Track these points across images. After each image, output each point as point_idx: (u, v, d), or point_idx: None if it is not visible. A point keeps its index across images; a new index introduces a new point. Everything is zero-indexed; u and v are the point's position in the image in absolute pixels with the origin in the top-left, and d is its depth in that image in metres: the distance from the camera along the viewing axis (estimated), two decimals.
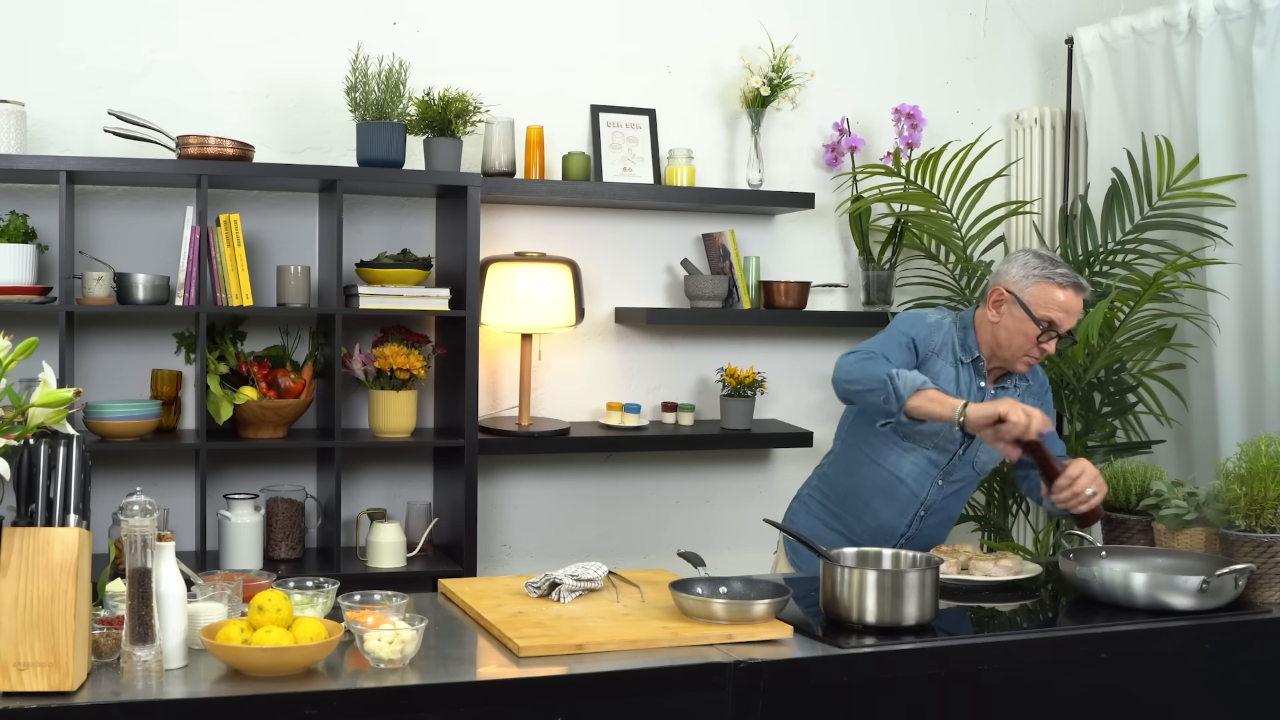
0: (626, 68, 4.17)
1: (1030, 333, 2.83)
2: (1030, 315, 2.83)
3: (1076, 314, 2.86)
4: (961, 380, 2.91)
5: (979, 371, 2.92)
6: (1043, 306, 2.83)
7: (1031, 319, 2.83)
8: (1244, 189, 3.87)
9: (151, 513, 1.98)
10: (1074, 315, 2.86)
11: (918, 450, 2.93)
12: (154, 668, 1.95)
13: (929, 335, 2.90)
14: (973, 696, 2.30)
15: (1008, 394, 2.94)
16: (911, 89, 4.44)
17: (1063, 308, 2.84)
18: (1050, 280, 2.84)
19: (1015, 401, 2.67)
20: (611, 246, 4.17)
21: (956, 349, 2.92)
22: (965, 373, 2.92)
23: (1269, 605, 2.56)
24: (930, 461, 2.94)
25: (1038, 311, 2.83)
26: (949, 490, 2.98)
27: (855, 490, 3.02)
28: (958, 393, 2.89)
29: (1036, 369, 3.04)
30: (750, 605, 2.28)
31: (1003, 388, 2.96)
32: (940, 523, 3.04)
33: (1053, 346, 2.85)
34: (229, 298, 3.50)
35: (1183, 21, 3.99)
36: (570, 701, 2.04)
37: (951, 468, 2.95)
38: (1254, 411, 3.85)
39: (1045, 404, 3.05)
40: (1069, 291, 2.84)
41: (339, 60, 3.77)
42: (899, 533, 2.99)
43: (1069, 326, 2.85)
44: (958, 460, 2.95)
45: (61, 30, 3.66)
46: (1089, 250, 4.12)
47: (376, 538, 3.66)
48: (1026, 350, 2.87)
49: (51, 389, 2.00)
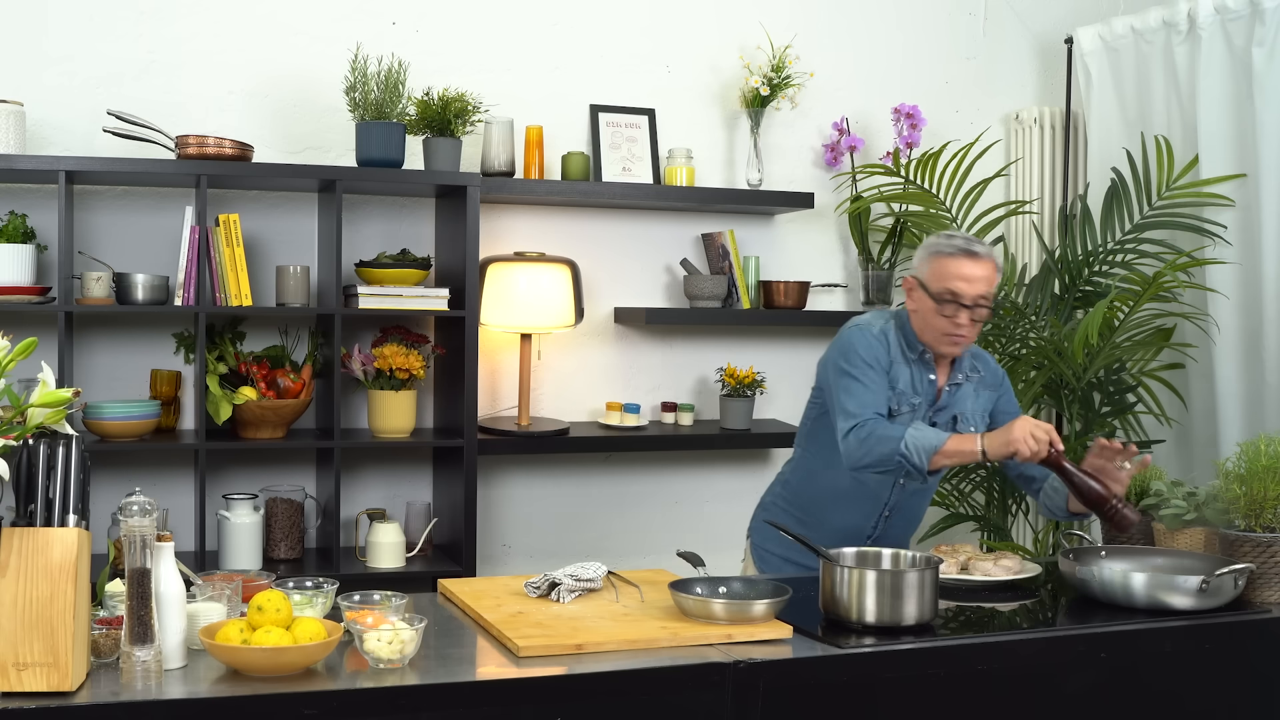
0: (626, 68, 4.17)
1: (936, 310, 2.78)
2: (929, 293, 2.78)
3: (980, 279, 2.76)
4: (914, 378, 2.86)
5: (927, 364, 2.86)
6: (938, 279, 2.77)
7: (930, 296, 2.77)
8: (1244, 189, 3.87)
9: (151, 513, 1.98)
10: (976, 281, 2.76)
11: None
12: (153, 668, 1.95)
13: (885, 349, 2.86)
14: (973, 696, 2.30)
15: (960, 387, 2.89)
16: (911, 89, 4.44)
17: (958, 275, 2.76)
18: (940, 253, 2.79)
19: (1026, 423, 2.63)
20: (611, 246, 4.17)
21: (905, 349, 2.87)
22: (915, 370, 2.87)
23: (1269, 605, 2.56)
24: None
25: (934, 286, 2.76)
26: (911, 489, 2.94)
27: (818, 496, 2.97)
28: (912, 391, 2.85)
29: (987, 359, 2.98)
30: (750, 605, 2.28)
31: (955, 383, 2.89)
32: (906, 522, 3.00)
33: (965, 318, 2.76)
34: (228, 298, 3.50)
35: (1182, 21, 3.99)
36: (570, 702, 2.04)
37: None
38: (1254, 411, 3.85)
39: (1004, 395, 2.98)
40: (959, 258, 2.77)
41: (338, 60, 3.77)
42: (865, 534, 2.95)
43: (973, 294, 2.75)
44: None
45: (61, 30, 3.66)
46: (1089, 250, 4.12)
47: (376, 538, 3.66)
48: (944, 330, 2.79)
49: (51, 389, 2.00)
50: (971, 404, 2.91)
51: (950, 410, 2.89)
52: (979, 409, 2.93)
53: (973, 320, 2.77)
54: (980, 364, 2.97)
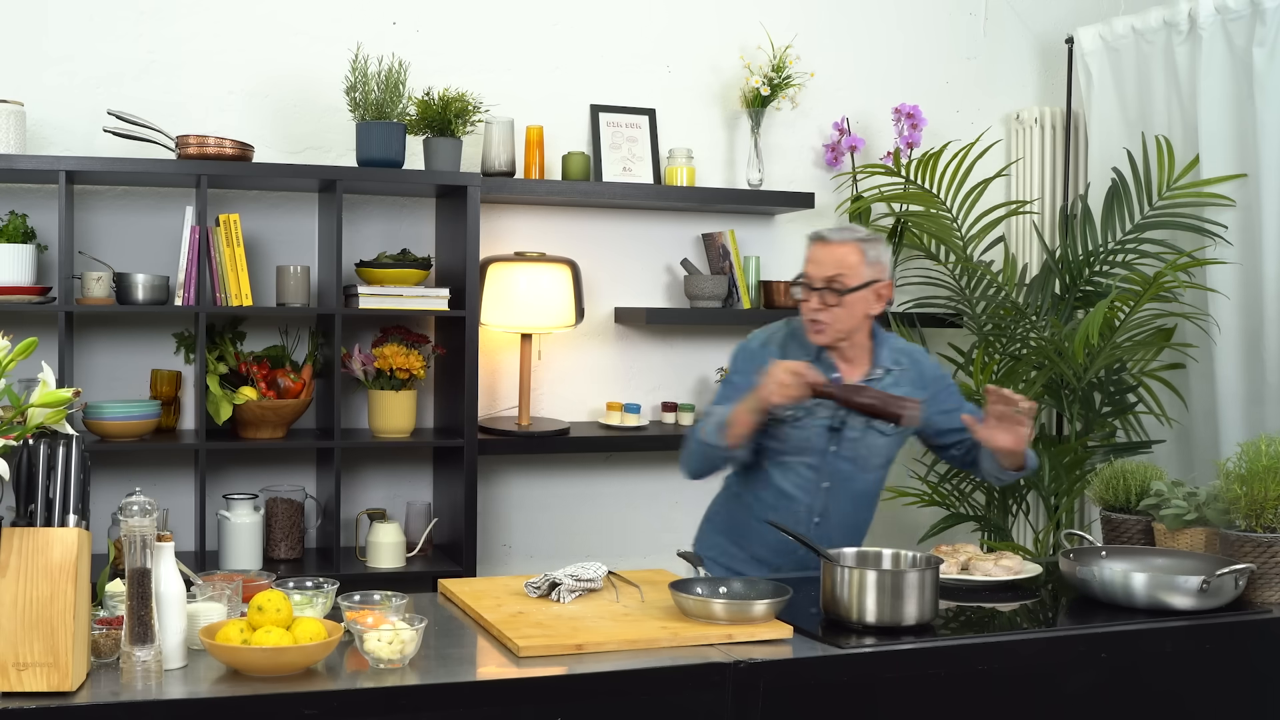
0: (626, 68, 4.17)
1: (799, 296, 2.82)
2: (794, 281, 2.84)
3: (827, 262, 2.79)
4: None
5: (826, 364, 2.83)
6: (803, 268, 2.84)
7: (794, 284, 2.84)
8: (1244, 189, 3.86)
9: (151, 513, 1.98)
10: (823, 264, 2.79)
11: (793, 462, 2.86)
12: (153, 668, 1.95)
13: (759, 359, 2.84)
14: (973, 696, 2.30)
15: (876, 383, 2.83)
16: (911, 89, 4.44)
17: (808, 259, 2.82)
18: (809, 240, 2.87)
19: (774, 368, 2.65)
20: (611, 246, 4.17)
21: (796, 354, 2.85)
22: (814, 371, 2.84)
23: (1269, 605, 2.56)
24: (810, 467, 2.86)
25: (799, 275, 2.83)
26: (840, 494, 2.89)
27: (748, 517, 2.93)
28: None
29: (919, 358, 2.94)
30: (750, 605, 2.27)
31: (871, 379, 2.85)
32: (845, 532, 2.91)
33: (815, 300, 2.78)
34: (228, 298, 3.50)
35: (1183, 21, 3.99)
36: (570, 702, 2.04)
37: (831, 470, 2.86)
38: (1254, 411, 3.85)
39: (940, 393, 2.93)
40: (813, 245, 2.83)
41: (339, 60, 3.77)
42: (796, 548, 2.83)
43: (820, 275, 2.78)
44: (834, 460, 2.86)
45: (61, 30, 3.66)
46: (1089, 250, 4.12)
47: (376, 538, 3.66)
48: (804, 316, 2.83)
49: (51, 389, 2.00)
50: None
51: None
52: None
53: (825, 303, 2.77)
54: (908, 360, 2.93)
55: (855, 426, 2.83)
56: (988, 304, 4.16)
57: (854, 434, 2.84)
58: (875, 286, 2.81)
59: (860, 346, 2.88)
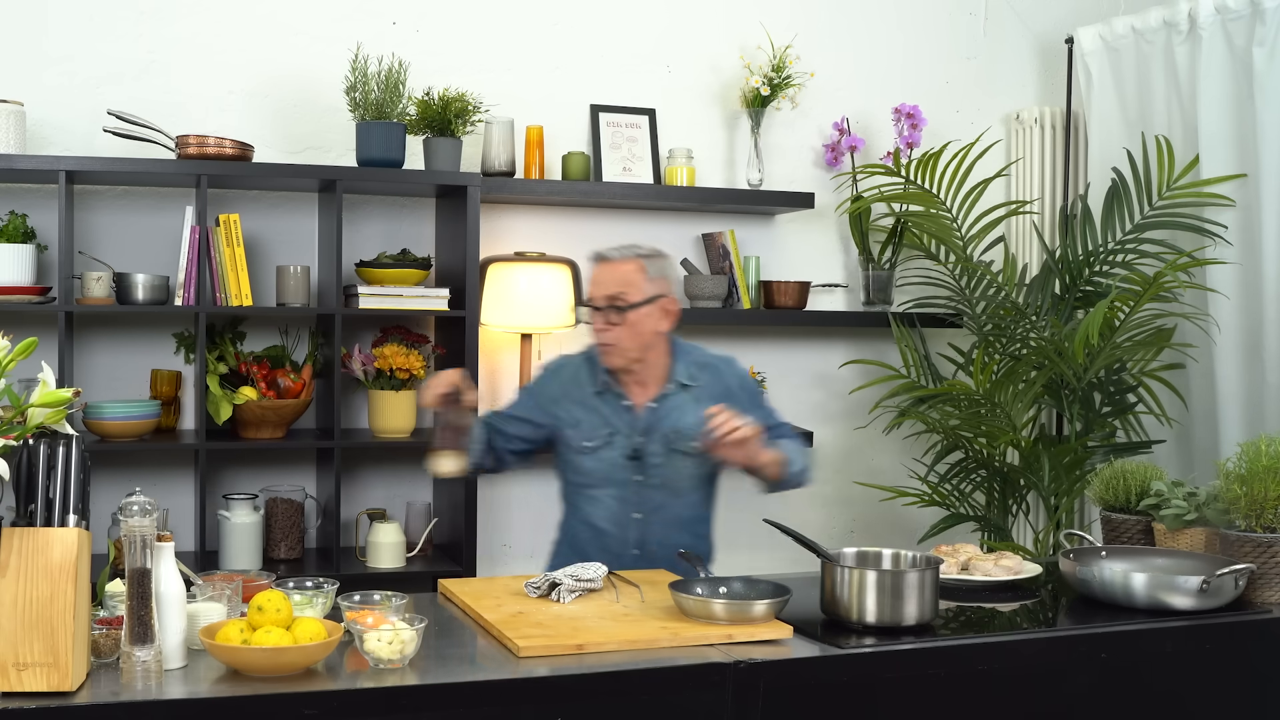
0: (626, 68, 4.17)
1: (584, 318, 2.82)
2: (581, 304, 2.84)
3: (607, 280, 2.78)
4: (603, 409, 2.82)
5: (616, 393, 2.82)
6: (587, 290, 2.84)
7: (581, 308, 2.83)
8: (1244, 189, 3.86)
9: (151, 513, 1.98)
10: (604, 283, 2.78)
11: (599, 494, 2.83)
12: (153, 668, 1.95)
13: (543, 384, 2.89)
14: (973, 696, 2.30)
15: (668, 399, 2.81)
16: (911, 89, 4.44)
17: (591, 281, 2.83)
18: (590, 261, 2.87)
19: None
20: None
21: (585, 383, 2.84)
22: (604, 403, 2.83)
23: (1269, 605, 2.56)
24: (616, 499, 2.83)
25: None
26: (657, 524, 2.83)
27: (575, 543, 2.91)
28: (602, 423, 2.81)
29: (718, 369, 2.89)
30: (750, 605, 2.28)
31: (663, 395, 2.82)
32: (670, 562, 2.79)
33: (600, 320, 2.77)
34: (228, 298, 3.50)
35: (1183, 21, 3.99)
36: (570, 702, 2.04)
37: (640, 500, 2.82)
38: (1254, 411, 3.84)
39: (748, 407, 2.82)
40: (595, 266, 2.83)
41: (339, 60, 3.77)
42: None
43: (601, 294, 2.77)
44: (640, 489, 2.82)
45: (61, 30, 3.66)
46: (1089, 250, 4.12)
47: (376, 538, 3.66)
48: (594, 339, 2.82)
49: (51, 389, 2.00)
50: (693, 418, 2.78)
51: (661, 428, 2.81)
52: (703, 422, 2.73)
53: (609, 323, 2.75)
54: (709, 375, 2.88)
55: (656, 453, 2.78)
56: (988, 304, 4.16)
57: (656, 460, 2.79)
58: (660, 302, 2.78)
59: (655, 365, 2.83)
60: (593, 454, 2.81)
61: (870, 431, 4.42)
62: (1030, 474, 4.02)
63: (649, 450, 2.80)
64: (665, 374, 2.84)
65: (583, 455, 2.82)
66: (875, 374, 4.26)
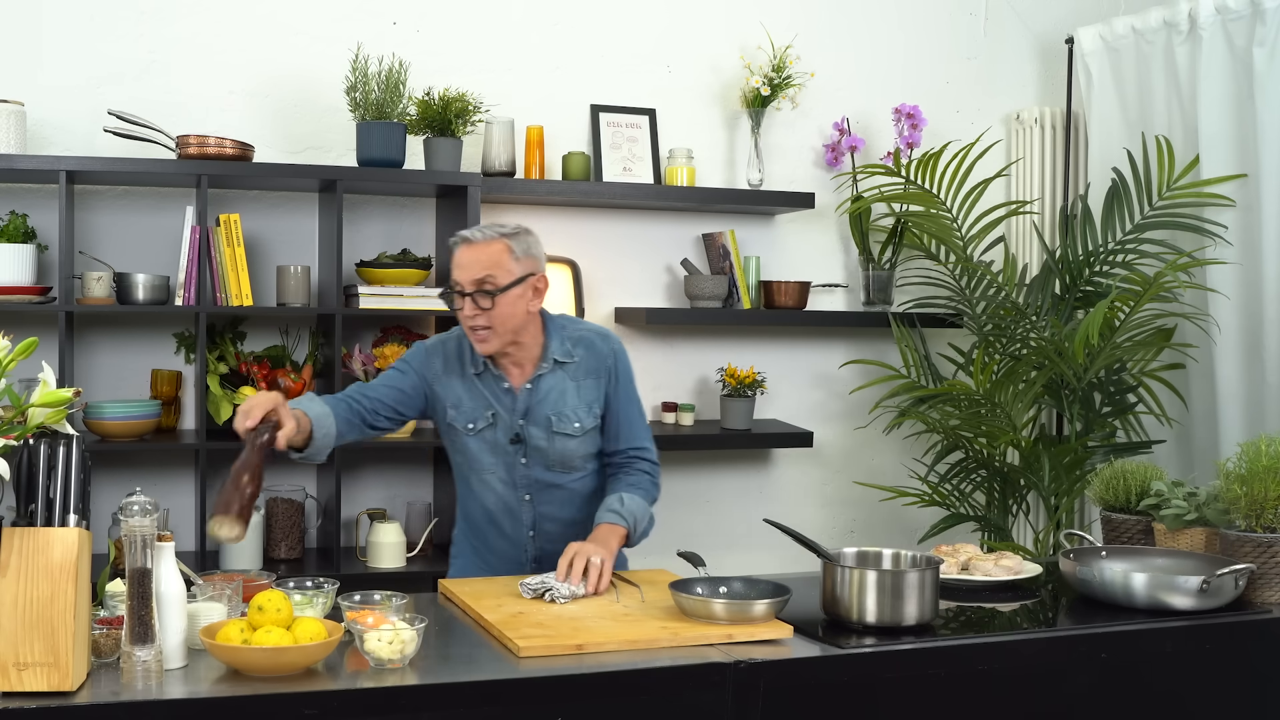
0: (626, 68, 4.17)
1: (452, 305, 2.67)
2: (445, 289, 2.70)
3: (472, 264, 2.63)
4: (484, 391, 2.73)
5: (495, 375, 2.73)
6: (451, 274, 2.68)
7: (445, 292, 2.70)
8: (1244, 189, 3.86)
9: (151, 513, 1.98)
10: (468, 266, 2.63)
11: (486, 477, 2.77)
12: (154, 668, 1.95)
13: (427, 359, 2.76)
14: (973, 696, 2.30)
15: (543, 379, 2.72)
16: (912, 89, 4.44)
17: (454, 265, 2.66)
18: (451, 245, 2.71)
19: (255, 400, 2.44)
20: (611, 246, 4.17)
21: (466, 364, 2.74)
22: (484, 384, 2.73)
23: (1269, 605, 2.56)
24: (503, 481, 2.76)
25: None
26: (548, 503, 2.78)
27: (473, 526, 2.86)
28: (484, 405, 2.72)
29: (593, 343, 2.78)
30: (750, 605, 2.27)
31: (538, 375, 2.72)
32: (567, 538, 2.70)
33: (468, 307, 2.62)
34: (229, 298, 3.50)
35: (1183, 21, 3.99)
36: (570, 701, 2.04)
37: (527, 481, 2.76)
38: (1254, 411, 3.85)
39: (616, 382, 2.79)
40: (457, 249, 2.67)
41: (339, 60, 3.77)
42: (529, 555, 2.81)
43: (467, 279, 2.62)
44: (527, 470, 2.75)
45: (61, 30, 3.66)
46: (1089, 250, 4.12)
47: (376, 538, 3.66)
48: (465, 324, 2.67)
49: (51, 389, 2.00)
50: (572, 398, 2.74)
51: (542, 410, 2.72)
52: (583, 401, 2.74)
53: (479, 308, 2.61)
54: (582, 349, 2.77)
55: (537, 435, 2.72)
56: (988, 304, 4.16)
57: (539, 442, 2.72)
58: (530, 281, 2.66)
59: (530, 345, 2.72)
60: (476, 435, 2.73)
61: (870, 431, 4.42)
62: (1030, 474, 4.02)
63: (530, 433, 2.72)
64: (540, 352, 2.74)
65: (467, 437, 2.75)
66: (875, 374, 4.26)
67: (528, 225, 2.74)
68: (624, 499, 2.72)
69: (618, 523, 2.67)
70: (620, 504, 2.70)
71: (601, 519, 2.68)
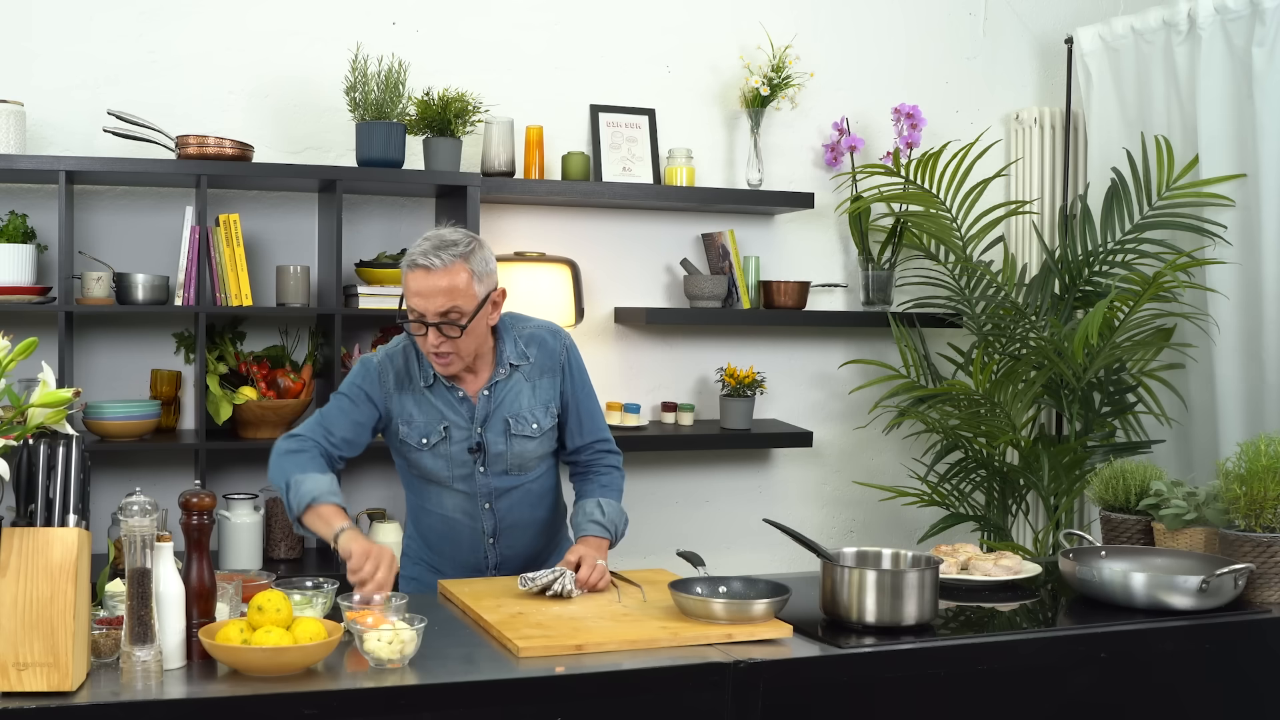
0: (626, 68, 4.17)
1: (414, 331, 2.56)
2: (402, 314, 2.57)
3: (436, 293, 2.50)
4: (437, 403, 2.66)
5: (449, 386, 2.65)
6: (407, 299, 2.55)
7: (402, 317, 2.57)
8: (1244, 189, 3.87)
9: (151, 513, 1.98)
10: (432, 296, 2.51)
11: (442, 489, 2.72)
12: (153, 668, 1.95)
13: (379, 379, 2.66)
14: (973, 696, 2.30)
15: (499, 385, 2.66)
16: (911, 89, 4.44)
17: (414, 292, 2.52)
18: (403, 267, 2.56)
19: (367, 551, 2.37)
20: (611, 246, 4.17)
21: (416, 377, 2.66)
22: (436, 396, 2.66)
23: (1269, 605, 2.56)
24: (463, 494, 2.72)
25: (406, 304, 2.55)
26: (509, 507, 2.74)
27: (428, 536, 2.81)
28: (440, 418, 2.65)
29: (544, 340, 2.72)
30: (750, 605, 2.27)
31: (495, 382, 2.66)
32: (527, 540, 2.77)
33: (434, 336, 2.53)
34: (228, 298, 3.50)
35: (1182, 21, 3.99)
36: (570, 701, 2.04)
37: (488, 490, 2.72)
38: (1254, 411, 3.85)
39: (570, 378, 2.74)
40: (413, 273, 2.52)
41: (339, 60, 3.77)
42: (488, 564, 2.78)
43: (434, 309, 2.51)
44: (487, 479, 2.70)
45: (61, 30, 3.66)
46: (1089, 250, 4.12)
47: (376, 538, 3.66)
48: (426, 349, 2.57)
49: (51, 389, 2.00)
50: (528, 399, 2.69)
51: (499, 415, 2.66)
52: (539, 401, 2.70)
53: (447, 336, 2.53)
54: (535, 349, 2.71)
55: (496, 441, 2.67)
56: (987, 304, 4.16)
57: (498, 448, 2.68)
58: (491, 298, 2.58)
59: (485, 353, 2.66)
60: (430, 450, 2.67)
61: (870, 431, 4.42)
62: (1030, 474, 4.02)
63: (488, 439, 2.67)
64: (494, 358, 2.68)
65: (420, 452, 2.68)
66: (875, 374, 4.26)
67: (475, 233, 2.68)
68: (603, 507, 2.73)
69: (602, 535, 2.69)
70: (601, 513, 2.72)
71: (586, 530, 2.69)
